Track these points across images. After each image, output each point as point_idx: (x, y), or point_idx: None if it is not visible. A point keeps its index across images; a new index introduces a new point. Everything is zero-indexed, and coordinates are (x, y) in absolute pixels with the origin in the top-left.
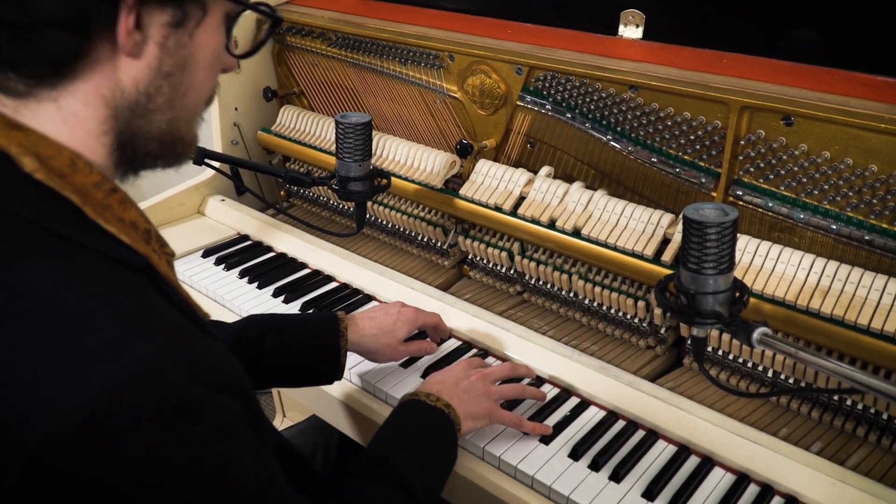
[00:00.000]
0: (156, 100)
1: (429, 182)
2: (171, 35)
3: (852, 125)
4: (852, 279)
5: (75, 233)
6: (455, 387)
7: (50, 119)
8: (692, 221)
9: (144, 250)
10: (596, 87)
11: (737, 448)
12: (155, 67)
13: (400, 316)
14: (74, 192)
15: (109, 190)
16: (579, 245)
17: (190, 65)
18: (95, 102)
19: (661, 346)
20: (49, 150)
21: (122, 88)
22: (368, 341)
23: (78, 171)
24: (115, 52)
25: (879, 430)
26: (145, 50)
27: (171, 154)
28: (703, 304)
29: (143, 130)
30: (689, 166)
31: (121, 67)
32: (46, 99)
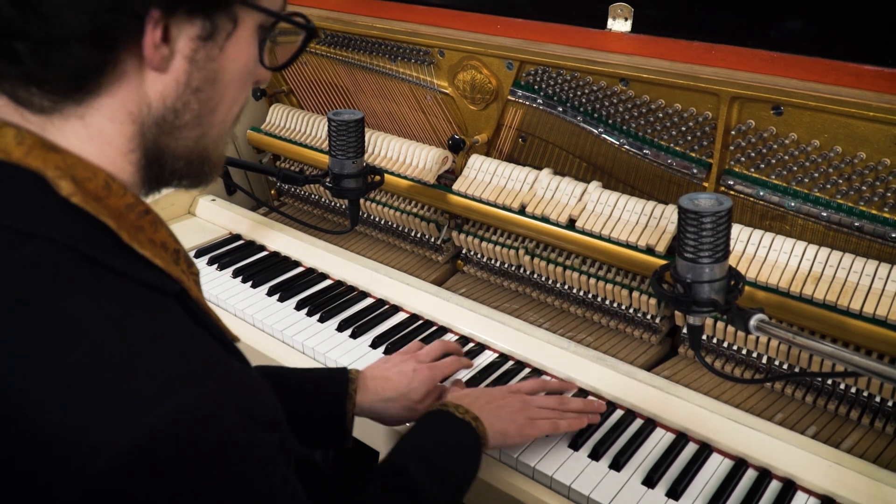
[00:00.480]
0: (183, 116)
1: (421, 178)
2: (200, 48)
3: (841, 114)
4: (843, 265)
5: (112, 259)
6: (488, 402)
7: (77, 137)
8: (688, 211)
9: (176, 273)
10: (587, 81)
11: (734, 434)
12: (183, 82)
13: (416, 375)
14: (110, 215)
15: (142, 212)
16: (574, 237)
17: (220, 79)
18: (122, 118)
19: (655, 336)
20: (85, 172)
21: (148, 104)
22: (380, 406)
23: (112, 193)
24: (141, 67)
25: (872, 412)
26: (173, 64)
27: (197, 174)
28: (699, 292)
29: (171, 148)
30: (680, 157)
31: (147, 82)
32: (73, 116)
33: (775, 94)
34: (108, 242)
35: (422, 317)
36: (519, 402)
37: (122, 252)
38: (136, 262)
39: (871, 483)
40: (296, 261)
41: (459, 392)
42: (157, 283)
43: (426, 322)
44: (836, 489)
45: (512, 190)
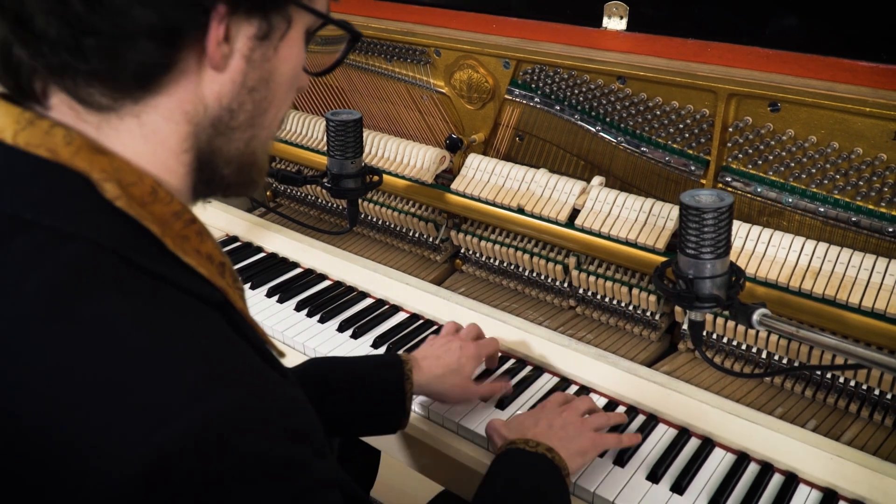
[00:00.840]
0: (238, 116)
1: (419, 178)
2: (256, 48)
3: (837, 109)
4: (842, 259)
5: (154, 265)
6: (550, 427)
7: (131, 137)
8: (690, 207)
9: (221, 284)
10: (584, 79)
11: (735, 428)
12: (239, 82)
13: (463, 352)
14: (154, 221)
15: (189, 220)
16: (573, 235)
17: (273, 79)
18: (177, 118)
19: (655, 333)
20: (131, 176)
21: (205, 104)
22: (436, 383)
23: (158, 199)
24: (200, 66)
25: (871, 405)
26: (231, 63)
27: (245, 180)
28: (701, 288)
29: (223, 150)
30: (678, 155)
31: (205, 82)
32: (129, 115)
33: (772, 91)
34: (151, 248)
35: (422, 316)
36: (574, 416)
37: (165, 258)
38: (179, 269)
39: (872, 474)
40: (294, 262)
41: (515, 425)
42: (199, 291)
43: (427, 322)
44: (837, 481)
45: (510, 189)
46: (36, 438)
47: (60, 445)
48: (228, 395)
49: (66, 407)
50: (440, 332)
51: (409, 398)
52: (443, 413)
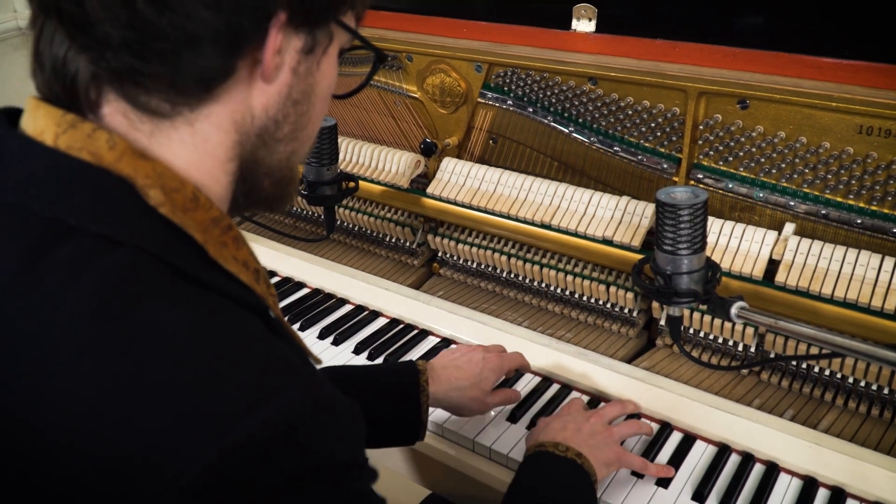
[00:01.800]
0: (283, 128)
1: (395, 183)
2: (302, 61)
3: (805, 105)
4: (813, 252)
5: (198, 271)
6: (579, 432)
7: (182, 144)
8: (665, 205)
9: (260, 291)
10: (556, 81)
11: (716, 421)
12: (285, 94)
13: (486, 364)
14: (197, 228)
15: (226, 227)
16: (549, 235)
17: (314, 93)
18: (227, 127)
19: (633, 329)
20: (174, 182)
21: (252, 114)
22: (455, 396)
23: (200, 205)
24: (252, 75)
25: (846, 393)
26: (279, 75)
27: (280, 195)
28: (679, 283)
29: (265, 162)
30: (650, 153)
31: (254, 92)
32: (183, 123)
33: (740, 89)
34: (194, 254)
35: (402, 321)
36: (601, 425)
37: (207, 265)
38: (221, 276)
39: (850, 461)
40: (271, 270)
41: (543, 427)
42: (241, 298)
43: (407, 326)
44: (817, 469)
45: (486, 191)
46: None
47: (120, 455)
48: (289, 397)
49: (121, 416)
50: (421, 336)
51: (424, 410)
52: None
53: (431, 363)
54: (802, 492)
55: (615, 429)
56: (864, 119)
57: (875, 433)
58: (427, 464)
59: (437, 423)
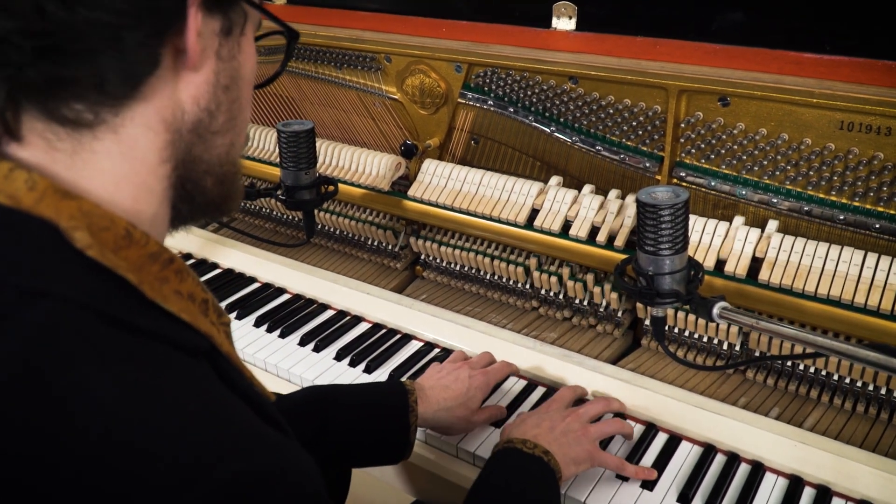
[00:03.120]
0: (217, 118)
1: (376, 185)
2: (223, 44)
3: (786, 102)
4: (796, 249)
5: (133, 316)
6: (551, 431)
7: (109, 157)
8: (646, 205)
9: (206, 327)
10: (536, 80)
11: (701, 421)
12: (213, 82)
13: (472, 382)
14: (130, 268)
15: (167, 260)
16: (532, 236)
17: (241, 76)
18: (157, 127)
19: (618, 330)
20: (103, 220)
21: (183, 109)
22: (443, 416)
23: (134, 242)
24: (176, 66)
25: (831, 390)
26: (204, 61)
27: (225, 195)
28: (661, 284)
29: (204, 159)
30: (632, 152)
31: (181, 85)
32: (106, 131)
33: (721, 86)
34: (128, 299)
35: (385, 326)
36: (577, 424)
37: (144, 308)
38: (160, 318)
39: (835, 459)
40: (251, 276)
41: (518, 423)
42: (184, 341)
43: (389, 331)
44: (802, 468)
45: (468, 193)
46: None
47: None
48: (228, 471)
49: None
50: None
51: (413, 431)
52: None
53: (420, 383)
54: (788, 491)
55: (592, 427)
56: (846, 115)
57: (860, 430)
58: (412, 471)
59: (421, 430)
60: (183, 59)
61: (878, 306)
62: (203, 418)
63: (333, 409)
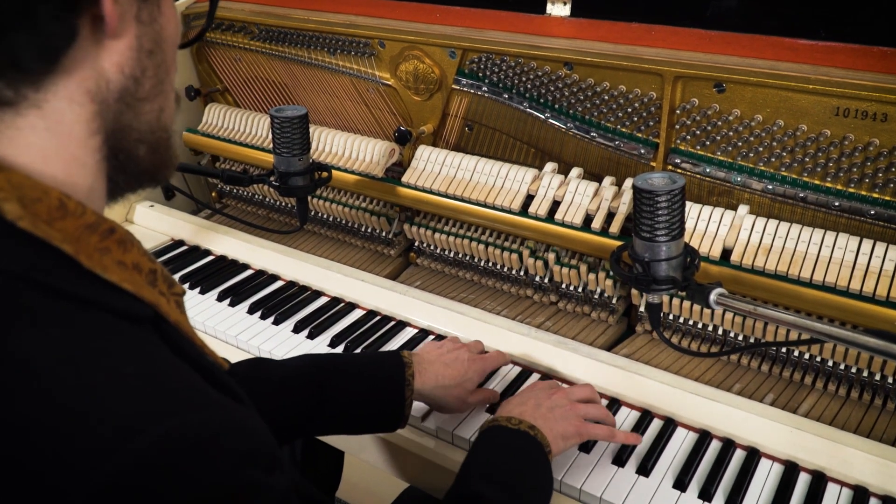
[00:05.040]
0: (144, 84)
1: (369, 172)
2: (143, 7)
3: (781, 88)
4: (792, 235)
5: (70, 286)
6: (537, 407)
7: (34, 132)
8: (642, 191)
9: (151, 296)
10: (531, 66)
11: (696, 407)
12: (136, 47)
13: (472, 365)
14: (66, 239)
15: (106, 231)
16: (527, 223)
17: (164, 40)
18: (81, 99)
19: (613, 316)
20: (34, 191)
21: (107, 78)
22: (439, 393)
23: (69, 213)
24: (96, 35)
25: (826, 377)
26: (124, 27)
27: (159, 163)
28: (658, 270)
29: (134, 127)
30: (627, 138)
31: (103, 54)
32: (30, 108)
33: (717, 72)
34: (64, 269)
35: (379, 312)
36: (565, 399)
37: (82, 278)
38: (100, 287)
39: (830, 444)
40: (244, 263)
41: (504, 403)
42: (126, 308)
43: (384, 318)
44: (797, 453)
45: (462, 179)
46: None
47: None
48: (166, 426)
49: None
50: (398, 328)
51: (408, 405)
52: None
53: (418, 356)
54: (783, 477)
55: (580, 405)
56: (841, 101)
57: (854, 416)
58: (406, 457)
59: (415, 417)
60: (102, 27)
61: (874, 293)
62: (139, 379)
63: (331, 376)
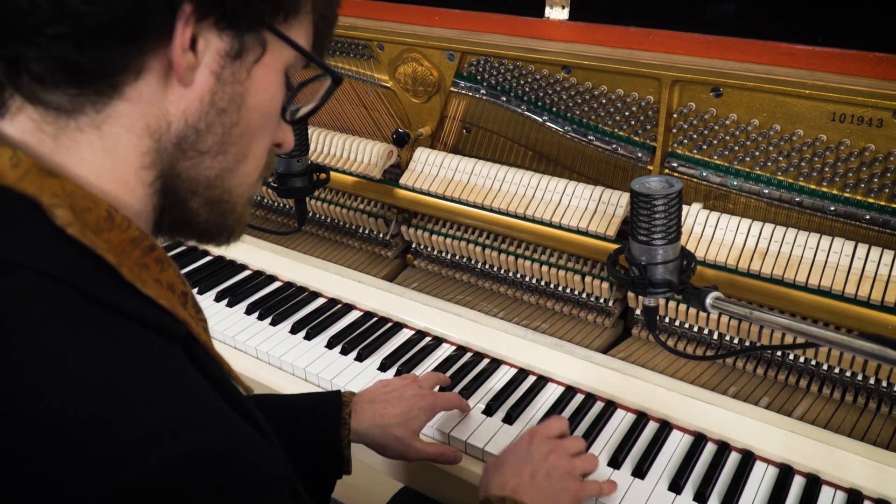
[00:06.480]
0: (206, 138)
1: (367, 174)
2: (227, 66)
3: (778, 93)
4: (787, 239)
5: (109, 296)
6: (532, 479)
7: (91, 150)
8: (640, 194)
9: (183, 316)
10: (529, 70)
11: (691, 410)
12: (207, 101)
13: (416, 402)
14: (110, 250)
15: (147, 247)
16: (524, 226)
17: (245, 105)
18: (139, 131)
19: (609, 319)
20: (85, 201)
21: (168, 120)
22: (376, 433)
23: (115, 225)
24: (166, 78)
25: (820, 380)
26: (198, 77)
27: (216, 223)
28: (654, 273)
29: (189, 176)
30: (625, 142)
31: (170, 96)
32: (89, 125)
33: (714, 77)
34: (106, 278)
35: (376, 314)
36: (563, 461)
37: (121, 289)
38: (137, 300)
39: (824, 447)
40: (242, 264)
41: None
42: (159, 323)
43: (381, 319)
44: (792, 457)
45: (459, 182)
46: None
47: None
48: (188, 439)
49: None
50: (395, 329)
51: (346, 445)
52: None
53: (359, 395)
54: (778, 479)
55: (578, 462)
56: (837, 106)
57: (849, 419)
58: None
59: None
60: (172, 72)
61: (868, 297)
62: (165, 392)
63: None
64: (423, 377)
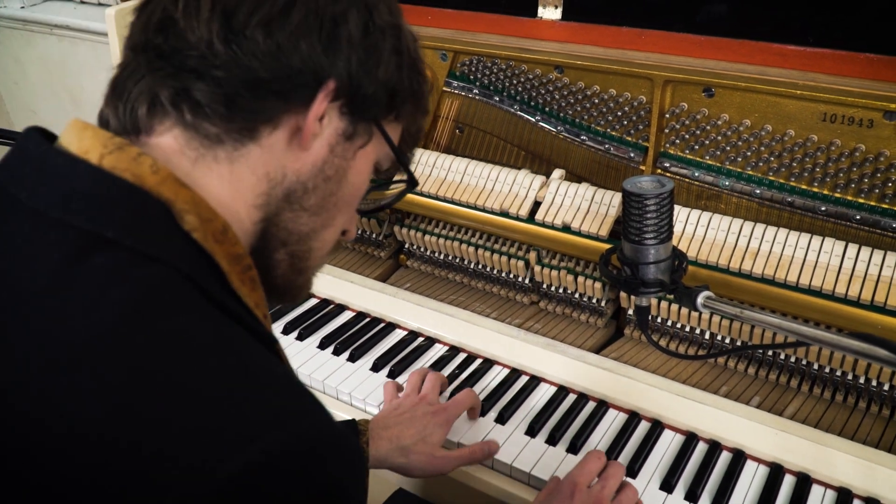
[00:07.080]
0: (310, 196)
1: None
2: (340, 143)
3: (769, 93)
4: (779, 239)
5: (220, 297)
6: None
7: (220, 179)
8: (631, 194)
9: (270, 331)
10: (522, 69)
11: (683, 409)
12: (318, 167)
13: (432, 419)
14: (224, 258)
15: (247, 266)
16: (516, 226)
17: (345, 180)
18: (259, 174)
19: (601, 319)
20: (208, 212)
21: (284, 172)
22: (397, 455)
23: (228, 239)
24: (292, 136)
25: (811, 380)
26: (316, 144)
27: (289, 279)
28: (646, 273)
29: (286, 227)
30: (617, 142)
31: (290, 155)
32: (225, 159)
33: (706, 77)
34: (218, 282)
35: (368, 314)
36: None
37: (229, 294)
38: (241, 307)
39: (814, 447)
40: None
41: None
42: (258, 330)
43: (374, 319)
44: (783, 455)
45: (452, 181)
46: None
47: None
48: (310, 423)
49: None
50: (388, 329)
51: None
52: None
53: (374, 421)
54: (769, 478)
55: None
56: (828, 107)
57: (839, 418)
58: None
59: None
60: (298, 137)
61: (859, 296)
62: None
63: None
64: (427, 391)
